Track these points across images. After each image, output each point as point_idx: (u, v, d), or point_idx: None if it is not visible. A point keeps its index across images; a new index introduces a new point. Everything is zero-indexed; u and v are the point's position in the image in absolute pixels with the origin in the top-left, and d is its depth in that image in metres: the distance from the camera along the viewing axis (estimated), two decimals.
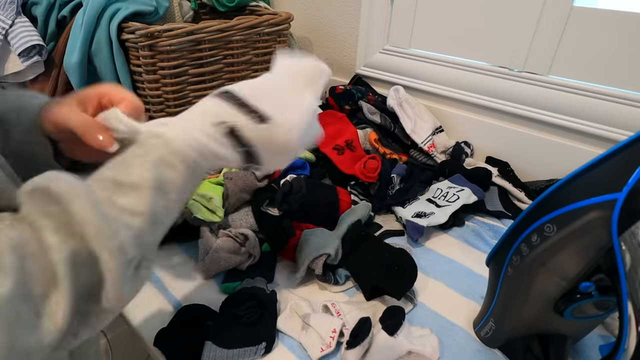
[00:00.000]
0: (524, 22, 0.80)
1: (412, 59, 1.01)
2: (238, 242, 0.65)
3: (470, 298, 0.60)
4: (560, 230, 0.39)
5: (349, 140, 0.87)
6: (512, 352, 0.50)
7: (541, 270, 0.41)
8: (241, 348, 0.50)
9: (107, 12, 0.86)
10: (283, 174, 0.78)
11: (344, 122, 0.92)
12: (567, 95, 0.79)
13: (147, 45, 0.83)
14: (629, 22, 0.70)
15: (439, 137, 0.95)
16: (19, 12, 0.89)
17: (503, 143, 0.90)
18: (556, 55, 0.79)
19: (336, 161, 0.83)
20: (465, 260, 0.67)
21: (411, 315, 0.57)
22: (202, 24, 0.88)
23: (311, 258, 0.59)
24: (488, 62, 0.89)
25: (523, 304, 0.45)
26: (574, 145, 0.80)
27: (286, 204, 0.68)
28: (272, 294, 0.56)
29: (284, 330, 0.54)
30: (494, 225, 0.75)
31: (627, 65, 0.72)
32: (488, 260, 0.50)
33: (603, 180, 0.37)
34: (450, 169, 0.85)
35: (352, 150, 0.86)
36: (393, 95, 0.95)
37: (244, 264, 0.63)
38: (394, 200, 0.77)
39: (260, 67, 1.05)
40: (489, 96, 0.90)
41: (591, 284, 0.39)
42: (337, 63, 1.19)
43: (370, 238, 0.65)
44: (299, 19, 1.18)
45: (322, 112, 0.96)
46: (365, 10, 1.04)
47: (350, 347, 0.48)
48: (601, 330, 0.54)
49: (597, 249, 0.37)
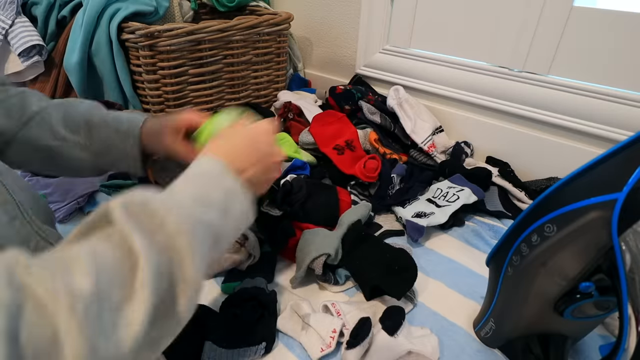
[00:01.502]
0: (524, 22, 0.80)
1: (412, 59, 1.01)
2: (238, 242, 0.65)
3: (470, 298, 0.60)
4: (560, 230, 0.39)
5: (349, 140, 0.87)
6: (512, 352, 0.50)
7: (541, 270, 0.41)
8: (241, 348, 0.50)
9: (107, 12, 0.86)
10: (283, 174, 0.78)
11: (344, 122, 0.92)
12: (567, 95, 0.79)
13: (147, 45, 0.83)
14: (628, 22, 0.70)
15: (439, 137, 0.95)
16: (19, 12, 0.89)
17: (503, 143, 0.90)
18: (556, 55, 0.79)
19: (336, 161, 0.83)
20: (465, 260, 0.67)
21: (411, 315, 0.57)
22: (202, 24, 0.88)
23: (311, 258, 0.59)
24: (488, 62, 0.89)
25: (523, 304, 0.45)
26: (574, 145, 0.80)
27: (286, 204, 0.68)
28: (272, 294, 0.56)
29: (284, 330, 0.54)
30: (494, 225, 0.75)
31: (627, 65, 0.72)
32: (488, 260, 0.50)
33: (603, 180, 0.37)
34: (450, 169, 0.85)
35: (352, 150, 0.86)
36: (393, 95, 0.95)
37: (244, 264, 0.63)
38: (394, 200, 0.77)
39: (260, 67, 1.05)
40: (489, 96, 0.90)
41: (591, 284, 0.39)
42: (337, 63, 1.19)
43: (370, 238, 0.65)
44: (299, 19, 1.18)
45: (321, 112, 0.96)
46: (365, 10, 1.04)
47: (350, 347, 0.48)
48: (601, 330, 0.54)
49: (597, 249, 0.37)
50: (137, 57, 0.86)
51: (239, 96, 1.05)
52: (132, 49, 0.87)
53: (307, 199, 0.70)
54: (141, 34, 0.81)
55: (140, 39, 0.82)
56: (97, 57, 0.89)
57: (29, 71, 0.91)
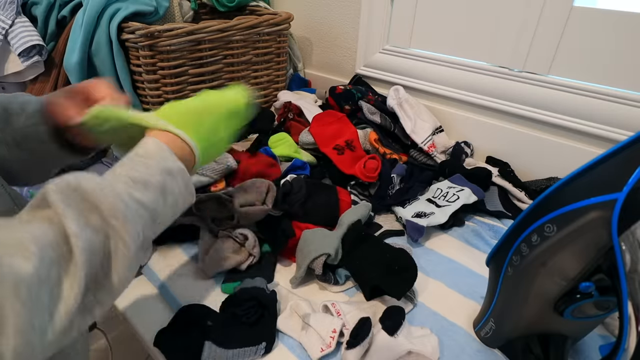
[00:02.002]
0: (524, 22, 0.80)
1: (412, 59, 1.01)
2: (238, 242, 0.65)
3: (470, 298, 0.60)
4: (560, 230, 0.39)
5: (349, 140, 0.87)
6: (512, 352, 0.50)
7: (541, 270, 0.41)
8: (241, 348, 0.50)
9: (107, 12, 0.86)
10: (284, 174, 0.78)
11: (343, 122, 0.92)
12: (567, 95, 0.79)
13: (147, 45, 0.83)
14: (628, 22, 0.70)
15: (439, 137, 0.95)
16: (19, 12, 0.89)
17: (503, 143, 0.90)
18: (556, 55, 0.79)
19: (336, 161, 0.83)
20: (465, 260, 0.67)
21: (411, 315, 0.57)
22: (202, 24, 0.88)
23: (311, 258, 0.59)
24: (488, 62, 0.89)
25: (523, 304, 0.45)
26: (574, 145, 0.80)
27: (286, 204, 0.68)
28: (272, 294, 0.56)
29: (284, 330, 0.54)
30: (494, 225, 0.75)
31: (627, 65, 0.72)
32: (488, 260, 0.50)
33: (603, 180, 0.37)
34: (450, 169, 0.85)
35: (352, 150, 0.86)
36: (393, 95, 0.95)
37: (244, 264, 0.63)
38: (394, 200, 0.77)
39: (260, 67, 1.05)
40: (489, 96, 0.90)
41: (591, 284, 0.39)
42: (337, 63, 1.19)
43: (370, 238, 0.65)
44: (299, 19, 1.18)
45: (321, 112, 0.96)
46: (365, 10, 1.04)
47: (350, 347, 0.48)
48: (601, 330, 0.54)
49: (597, 249, 0.37)
50: (137, 57, 0.86)
51: None
52: (132, 49, 0.87)
53: (307, 199, 0.70)
54: (141, 34, 0.81)
55: (140, 39, 0.82)
56: (97, 57, 0.89)
57: (29, 71, 0.90)
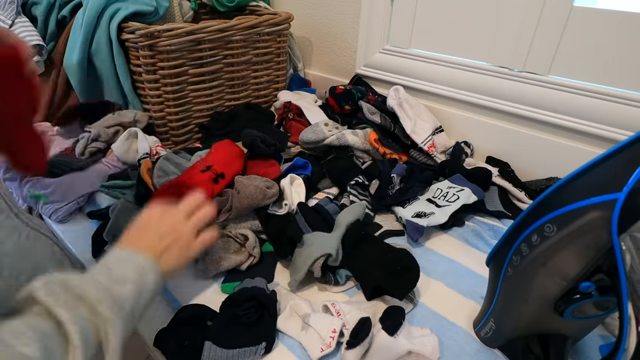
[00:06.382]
0: (524, 22, 0.80)
1: (412, 59, 1.01)
2: (238, 242, 0.65)
3: (470, 298, 0.60)
4: (560, 230, 0.38)
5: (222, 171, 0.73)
6: (512, 352, 0.50)
7: (541, 270, 0.41)
8: (241, 348, 0.50)
9: (107, 12, 0.86)
10: (284, 174, 0.78)
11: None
12: (567, 95, 0.79)
13: (147, 45, 0.83)
14: (629, 22, 0.70)
15: (439, 137, 0.95)
16: (19, 12, 0.89)
17: (503, 143, 0.90)
18: (556, 55, 0.79)
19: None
20: (465, 260, 0.67)
21: (411, 315, 0.57)
22: (202, 24, 0.88)
23: (313, 259, 0.59)
24: (488, 62, 0.89)
25: (523, 304, 0.45)
26: (574, 145, 0.80)
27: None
28: (272, 294, 0.56)
29: (284, 330, 0.54)
30: (494, 225, 0.75)
31: (627, 65, 0.72)
32: (488, 260, 0.50)
33: (603, 180, 0.36)
34: (450, 169, 0.85)
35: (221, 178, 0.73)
36: (393, 95, 0.95)
37: (244, 265, 0.63)
38: (394, 200, 0.77)
39: (260, 67, 1.05)
40: (489, 96, 0.90)
41: (591, 284, 0.39)
42: (337, 63, 1.19)
43: (370, 238, 0.65)
44: (299, 19, 1.18)
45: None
46: (365, 10, 1.04)
47: (350, 347, 0.48)
48: (601, 330, 0.54)
49: (597, 249, 0.37)
50: (137, 57, 0.86)
51: (239, 96, 1.05)
52: (132, 49, 0.87)
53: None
54: (141, 34, 0.81)
55: (140, 39, 0.82)
56: (97, 57, 0.89)
57: None
